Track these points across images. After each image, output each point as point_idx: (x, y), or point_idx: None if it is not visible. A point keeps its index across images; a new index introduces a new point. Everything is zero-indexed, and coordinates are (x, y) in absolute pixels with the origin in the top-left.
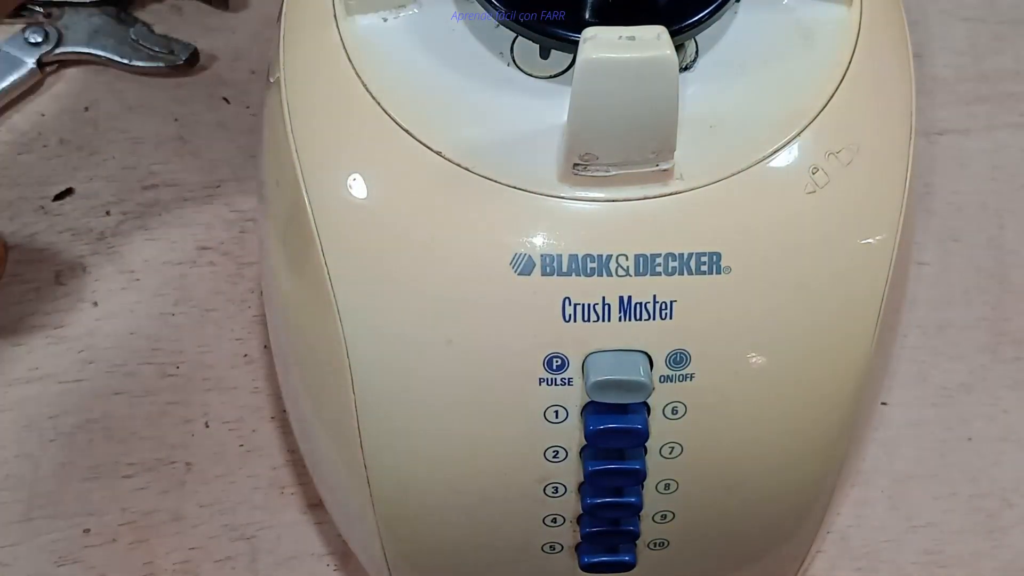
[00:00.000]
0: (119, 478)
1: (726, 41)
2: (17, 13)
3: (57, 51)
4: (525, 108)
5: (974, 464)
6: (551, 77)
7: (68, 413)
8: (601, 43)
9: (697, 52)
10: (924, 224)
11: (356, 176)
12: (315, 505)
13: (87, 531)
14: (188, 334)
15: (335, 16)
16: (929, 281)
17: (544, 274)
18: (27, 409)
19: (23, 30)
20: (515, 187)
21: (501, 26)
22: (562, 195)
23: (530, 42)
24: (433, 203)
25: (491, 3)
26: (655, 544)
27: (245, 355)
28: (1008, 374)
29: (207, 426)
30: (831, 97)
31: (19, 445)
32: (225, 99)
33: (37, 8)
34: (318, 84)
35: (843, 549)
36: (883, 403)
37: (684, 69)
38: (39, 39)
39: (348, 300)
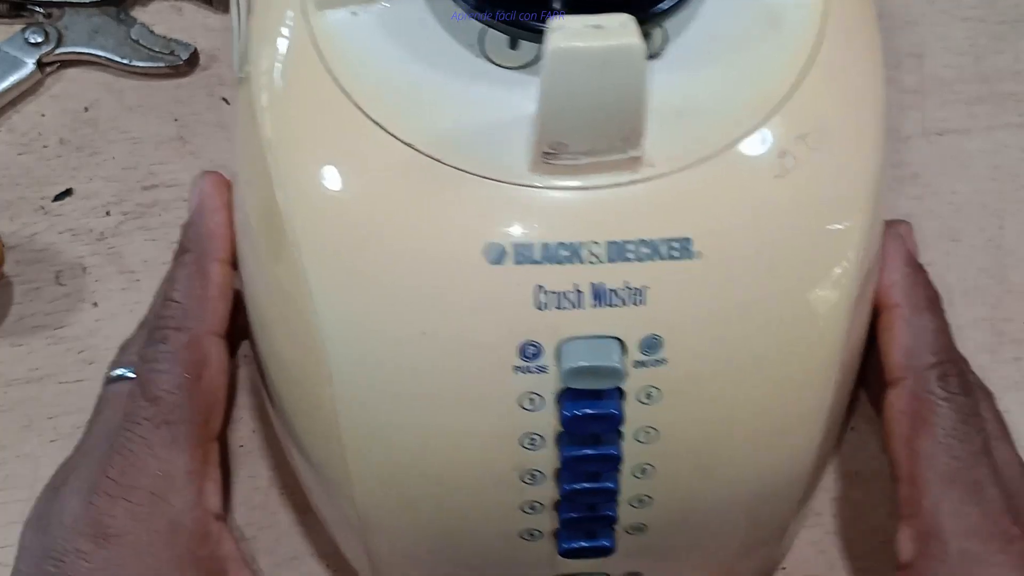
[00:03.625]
0: None
1: (695, 28)
2: (17, 13)
3: (57, 51)
4: (496, 99)
5: None
6: (521, 67)
7: (68, 413)
8: (568, 32)
9: (666, 39)
10: (924, 224)
11: (328, 170)
12: None
13: None
14: None
15: (305, 11)
16: None
17: (516, 263)
18: (27, 409)
19: (23, 30)
20: (486, 177)
21: (460, 12)
22: (533, 184)
23: (500, 33)
24: (405, 195)
25: None
26: (633, 529)
27: (245, 355)
28: (1008, 374)
29: None
30: (799, 82)
31: (19, 445)
32: (225, 99)
33: (37, 8)
34: (288, 79)
35: (843, 549)
36: None
37: (653, 56)
38: (39, 39)
39: (322, 293)
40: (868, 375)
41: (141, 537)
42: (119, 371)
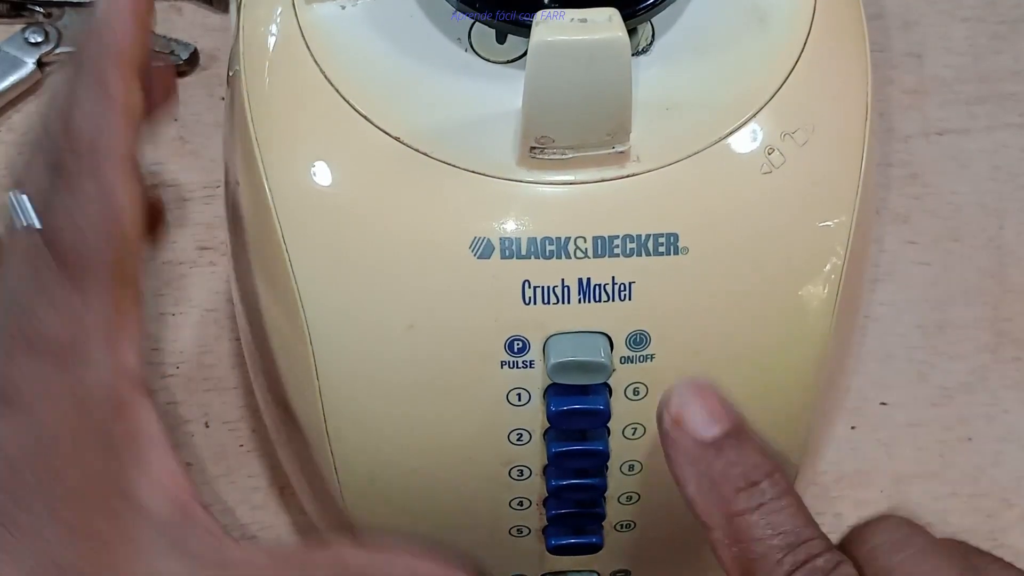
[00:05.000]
0: None
1: (682, 23)
2: (17, 13)
3: (57, 51)
4: (483, 93)
5: (974, 464)
6: (508, 62)
7: None
8: (553, 26)
9: (653, 35)
10: (924, 224)
11: (316, 164)
12: None
13: None
14: (188, 334)
15: (293, 5)
16: (929, 281)
17: (503, 257)
18: None
19: (23, 30)
20: (473, 171)
21: (458, 11)
22: (520, 179)
23: (487, 28)
24: (392, 188)
25: None
26: (621, 526)
27: (245, 355)
28: (1008, 374)
29: (207, 426)
30: (786, 78)
31: None
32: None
33: (37, 8)
34: (277, 73)
35: None
36: (883, 403)
37: (641, 52)
38: (39, 39)
39: (310, 287)
40: None
41: (44, 405)
42: (21, 213)
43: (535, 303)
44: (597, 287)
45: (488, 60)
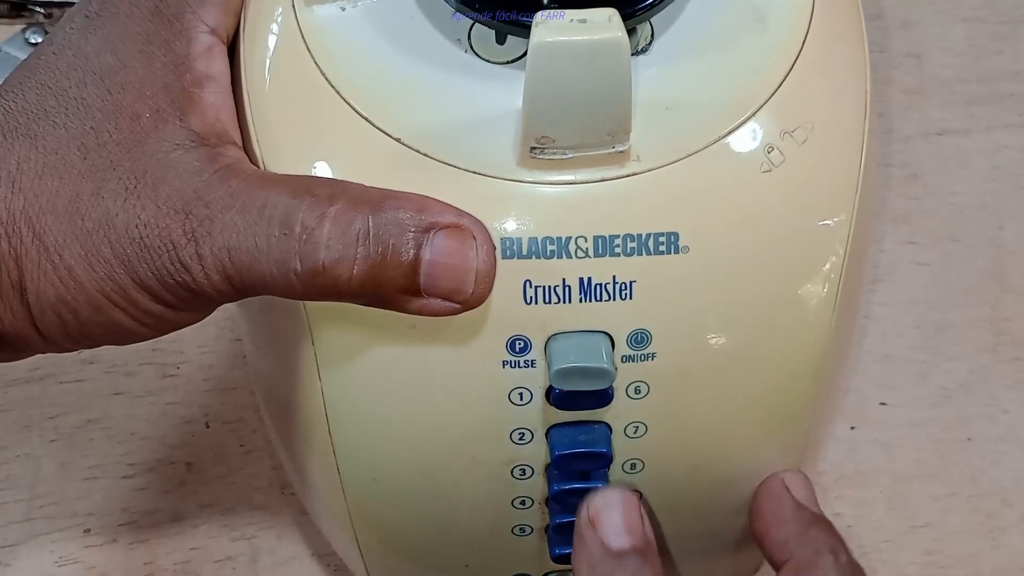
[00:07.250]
0: (119, 478)
1: (681, 23)
2: (17, 13)
3: None
4: (483, 93)
5: (974, 464)
6: (508, 62)
7: (68, 413)
8: (552, 26)
9: (653, 35)
10: (924, 224)
11: (317, 165)
12: None
13: (87, 531)
14: (188, 334)
15: (293, 6)
16: (929, 281)
17: (504, 257)
18: (27, 409)
19: (23, 30)
20: (474, 172)
21: (458, 12)
22: (520, 179)
23: (487, 28)
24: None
25: None
26: None
27: (245, 355)
28: (1008, 374)
29: (207, 426)
30: (785, 77)
31: (19, 445)
32: None
33: (37, 8)
34: (278, 74)
35: None
36: (882, 403)
37: (640, 52)
38: (39, 39)
39: None
40: None
41: (128, 11)
42: None
43: (536, 303)
44: (598, 286)
45: (488, 61)
